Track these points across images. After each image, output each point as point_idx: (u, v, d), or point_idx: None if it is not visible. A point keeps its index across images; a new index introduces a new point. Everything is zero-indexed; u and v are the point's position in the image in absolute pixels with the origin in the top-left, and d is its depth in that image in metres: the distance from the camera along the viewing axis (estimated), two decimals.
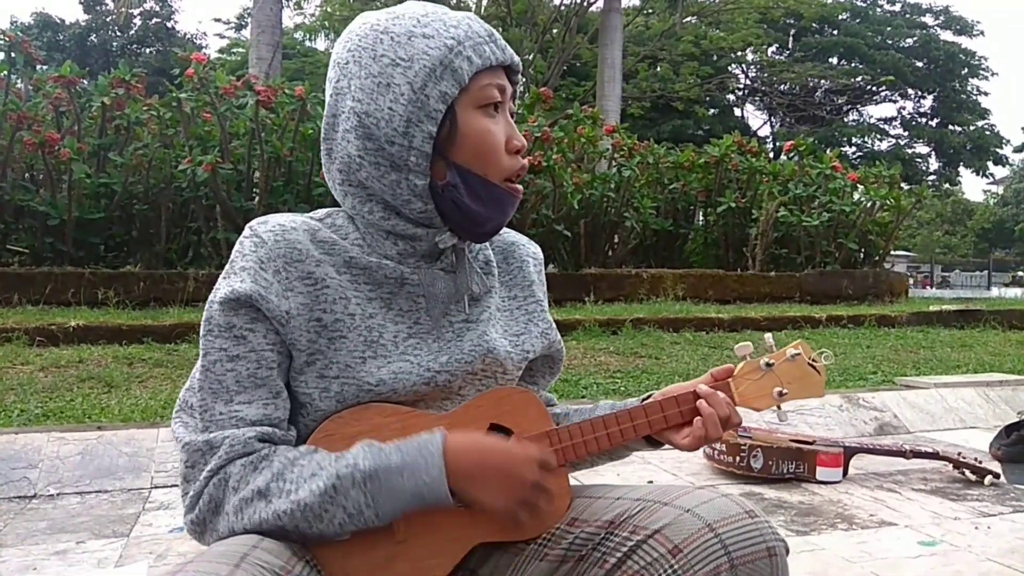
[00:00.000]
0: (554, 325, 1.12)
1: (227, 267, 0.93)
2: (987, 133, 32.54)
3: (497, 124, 0.96)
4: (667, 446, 1.06)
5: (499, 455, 0.90)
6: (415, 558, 0.89)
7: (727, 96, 30.34)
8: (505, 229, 1.13)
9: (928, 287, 27.12)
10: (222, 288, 0.91)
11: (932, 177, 33.38)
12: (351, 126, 0.94)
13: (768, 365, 1.07)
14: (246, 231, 0.94)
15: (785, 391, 1.07)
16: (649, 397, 1.06)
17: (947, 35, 32.70)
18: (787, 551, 0.88)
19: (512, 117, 1.00)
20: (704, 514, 0.86)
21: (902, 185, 8.40)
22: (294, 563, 0.82)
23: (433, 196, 0.95)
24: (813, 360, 1.09)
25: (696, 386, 1.03)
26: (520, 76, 1.01)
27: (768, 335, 1.11)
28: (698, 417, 1.01)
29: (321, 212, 1.01)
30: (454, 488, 0.86)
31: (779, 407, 1.09)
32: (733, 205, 7.41)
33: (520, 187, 1.00)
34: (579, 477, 1.19)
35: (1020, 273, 37.21)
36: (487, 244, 1.08)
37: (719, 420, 1.01)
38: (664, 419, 1.02)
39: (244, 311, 0.90)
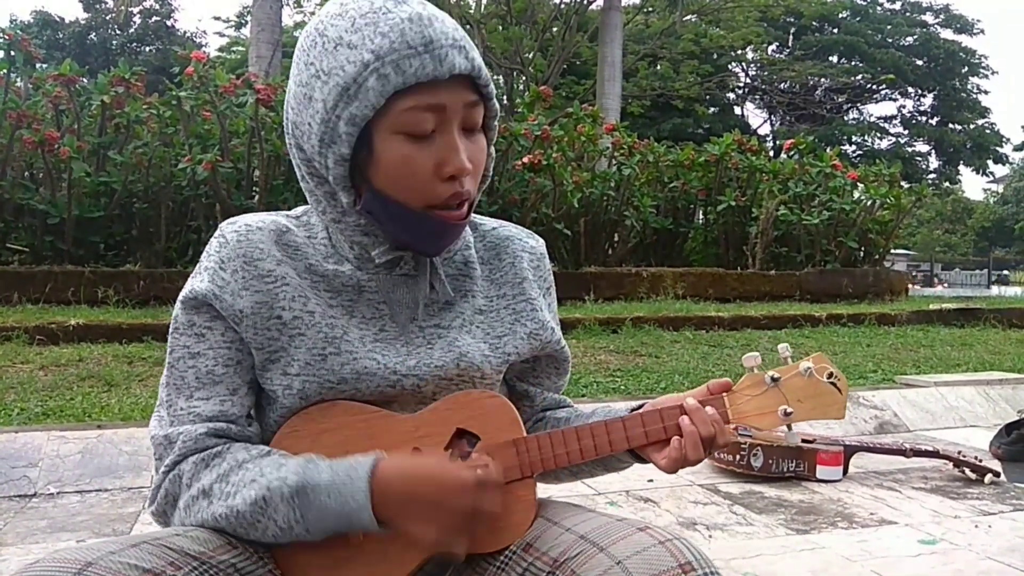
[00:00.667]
0: (552, 325, 1.06)
1: (196, 266, 0.96)
2: (987, 131, 32.57)
3: (423, 150, 0.86)
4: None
5: (429, 485, 0.84)
6: (368, 563, 0.88)
7: (727, 94, 30.34)
8: (503, 223, 1.09)
9: (940, 285, 26.97)
10: (185, 287, 0.94)
11: (932, 175, 33.42)
12: (288, 131, 0.93)
13: (774, 380, 0.97)
14: (216, 231, 0.96)
15: (791, 410, 0.96)
16: (642, 407, 1.00)
17: (947, 33, 32.74)
18: None
19: (477, 130, 0.90)
20: (633, 568, 0.79)
21: (902, 183, 8.40)
22: (223, 551, 0.84)
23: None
24: (832, 376, 0.97)
25: (684, 400, 0.96)
26: (488, 84, 0.89)
27: (783, 345, 1.00)
28: (676, 436, 0.93)
29: (300, 209, 1.01)
30: (381, 517, 0.83)
31: (789, 427, 0.98)
32: (733, 204, 7.41)
33: (458, 212, 0.90)
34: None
35: (1005, 272, 37.27)
36: (468, 243, 1.03)
37: (700, 440, 0.93)
38: (645, 435, 0.95)
39: (204, 309, 0.92)
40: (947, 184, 36.96)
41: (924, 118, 33.98)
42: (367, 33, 0.83)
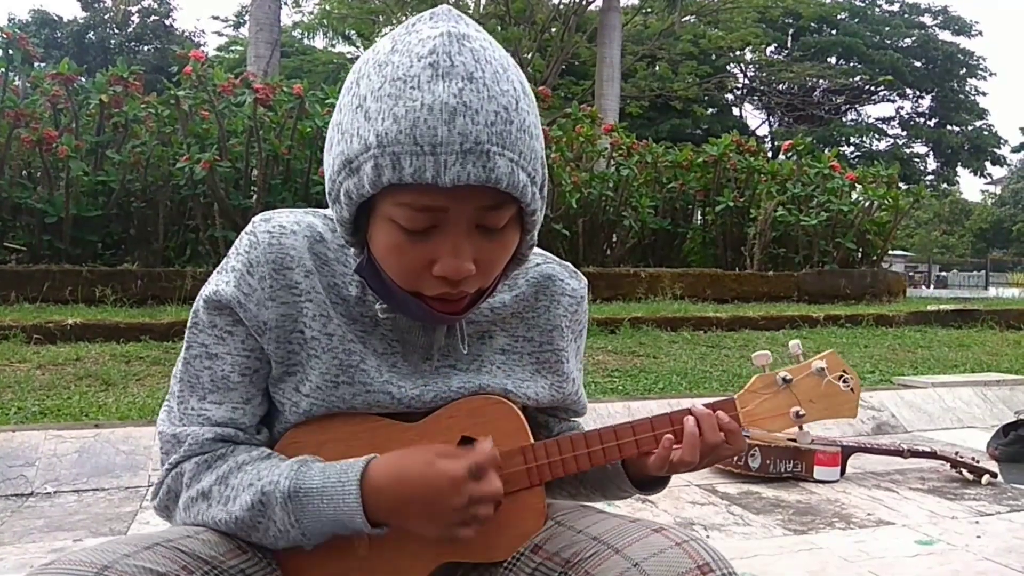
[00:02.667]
0: (576, 378, 1.02)
1: (223, 260, 0.91)
2: (985, 133, 32.65)
3: (416, 244, 0.78)
4: (663, 490, 1.00)
5: (419, 484, 0.81)
6: (376, 573, 0.88)
7: (725, 95, 30.37)
8: (548, 257, 1.01)
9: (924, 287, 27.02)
10: (211, 284, 0.90)
11: (930, 177, 33.48)
12: None
13: (785, 380, 0.94)
14: (248, 226, 0.91)
15: (803, 412, 0.94)
16: None
17: (945, 35, 32.82)
18: None
19: (499, 228, 0.80)
20: (651, 570, 0.79)
21: (900, 185, 8.41)
22: (233, 556, 0.84)
23: None
24: (844, 374, 0.95)
25: (694, 406, 0.94)
26: (516, 188, 0.76)
27: (794, 342, 0.97)
28: (669, 436, 0.92)
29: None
30: (377, 519, 0.83)
31: (800, 428, 0.95)
32: (731, 204, 7.42)
33: (452, 306, 0.84)
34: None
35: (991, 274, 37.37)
36: (507, 281, 0.95)
37: (699, 443, 0.91)
38: (654, 438, 0.92)
39: (227, 312, 0.89)
40: (945, 185, 37.02)
41: (922, 119, 34.06)
42: (385, 107, 0.74)
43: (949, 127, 32.89)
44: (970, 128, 32.63)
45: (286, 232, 0.89)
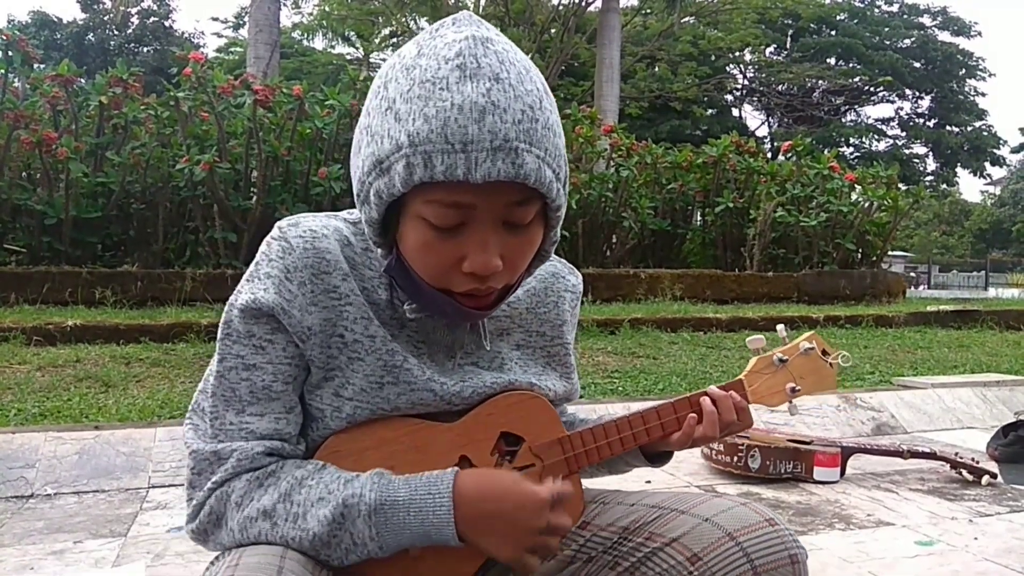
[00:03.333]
0: (575, 368, 1.08)
1: (251, 268, 0.89)
2: (984, 134, 32.66)
3: (446, 240, 0.81)
4: (671, 461, 1.05)
5: (506, 501, 0.83)
6: (429, 567, 0.88)
7: (725, 96, 30.38)
8: (551, 256, 1.04)
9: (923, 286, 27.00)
10: (244, 293, 0.87)
11: (929, 178, 33.48)
12: None
13: (782, 361, 1.05)
14: (275, 232, 0.90)
15: (798, 387, 1.04)
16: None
17: (945, 36, 32.84)
18: (806, 557, 0.87)
19: (525, 224, 0.82)
20: (724, 523, 0.85)
21: (899, 185, 8.42)
22: (319, 572, 0.83)
23: None
24: (826, 352, 1.07)
25: (708, 389, 1.02)
26: (545, 184, 0.79)
27: (780, 326, 1.10)
28: (692, 415, 1.00)
29: (357, 213, 0.94)
30: (459, 532, 0.83)
31: (791, 402, 1.06)
32: (731, 205, 7.42)
33: (482, 301, 0.86)
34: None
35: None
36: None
37: (719, 421, 0.99)
38: (676, 421, 1.00)
39: (265, 320, 0.86)
40: (944, 186, 37.02)
41: (921, 120, 34.07)
42: (415, 108, 0.76)
43: (948, 128, 32.91)
44: (969, 129, 32.64)
45: (318, 236, 0.88)
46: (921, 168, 33.48)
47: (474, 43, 0.78)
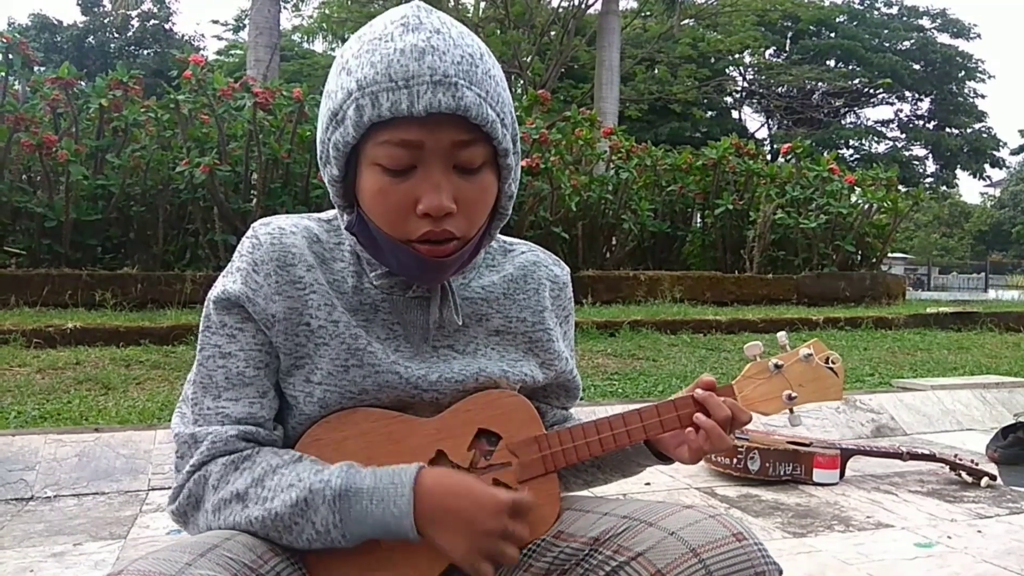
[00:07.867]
0: (567, 355, 1.07)
1: (228, 265, 0.95)
2: (984, 136, 32.67)
3: (399, 184, 0.85)
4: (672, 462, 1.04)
5: (466, 499, 0.85)
6: (395, 565, 0.89)
7: (725, 98, 30.40)
8: (533, 247, 1.08)
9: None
10: (218, 286, 0.94)
11: (929, 179, 33.50)
12: None
13: (777, 367, 1.02)
14: (248, 231, 0.96)
15: (795, 394, 1.01)
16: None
17: (944, 38, 32.84)
18: (780, 572, 0.85)
19: (476, 168, 0.86)
20: (688, 537, 0.84)
21: (899, 187, 8.43)
22: (269, 557, 0.84)
23: None
24: (829, 360, 1.03)
25: (693, 391, 1.00)
26: (487, 122, 0.84)
27: (781, 333, 1.06)
28: (690, 429, 0.98)
29: (331, 213, 1.00)
30: (418, 526, 0.84)
31: (791, 411, 1.03)
32: (730, 207, 7.43)
33: (440, 249, 0.88)
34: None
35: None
36: (494, 265, 1.03)
37: (721, 424, 0.97)
38: (660, 424, 0.98)
39: (236, 311, 0.92)
40: (944, 188, 37.04)
41: (921, 122, 34.08)
42: (363, 60, 0.84)
43: (948, 130, 32.91)
44: (969, 131, 32.65)
45: (286, 232, 0.94)
46: (921, 170, 33.49)
47: (418, 9, 0.86)
